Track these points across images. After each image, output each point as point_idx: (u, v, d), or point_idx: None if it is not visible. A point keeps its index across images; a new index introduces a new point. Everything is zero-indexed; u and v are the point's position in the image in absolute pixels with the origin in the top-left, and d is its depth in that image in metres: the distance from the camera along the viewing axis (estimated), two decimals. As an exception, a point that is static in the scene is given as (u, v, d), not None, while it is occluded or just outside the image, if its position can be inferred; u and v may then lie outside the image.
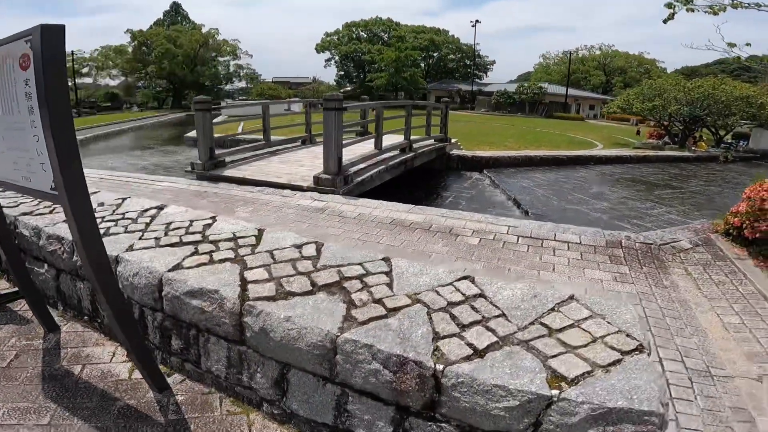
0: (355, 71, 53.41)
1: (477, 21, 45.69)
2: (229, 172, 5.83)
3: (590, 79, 51.84)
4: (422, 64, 51.96)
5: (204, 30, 50.60)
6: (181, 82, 48.93)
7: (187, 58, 47.52)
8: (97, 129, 21.11)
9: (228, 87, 55.79)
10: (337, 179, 4.88)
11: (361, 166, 5.63)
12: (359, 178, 5.32)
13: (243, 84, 56.26)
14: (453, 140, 10.63)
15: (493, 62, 59.35)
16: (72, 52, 43.64)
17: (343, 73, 54.61)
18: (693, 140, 16.26)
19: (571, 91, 43.34)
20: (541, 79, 48.83)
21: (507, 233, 3.78)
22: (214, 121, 7.64)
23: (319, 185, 4.97)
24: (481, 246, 3.54)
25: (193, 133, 15.76)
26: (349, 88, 52.49)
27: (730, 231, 3.59)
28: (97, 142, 17.81)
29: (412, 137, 7.85)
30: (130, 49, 49.18)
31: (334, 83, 54.55)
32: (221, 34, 51.38)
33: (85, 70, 48.78)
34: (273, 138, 7.63)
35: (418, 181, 8.66)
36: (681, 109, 15.69)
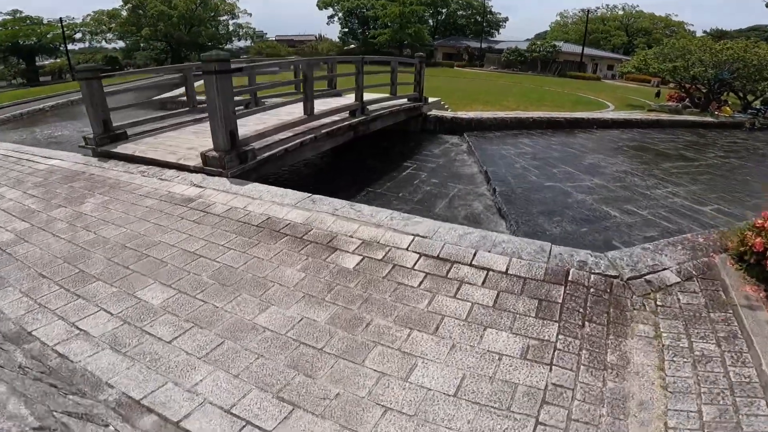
0: (359, 28, 50.52)
1: (490, -27, 41.68)
2: (121, 148, 4.79)
3: (611, 39, 49.46)
4: (430, 21, 48.82)
5: None
6: (179, 43, 47.38)
7: (183, 19, 45.73)
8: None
9: (229, 46, 53.86)
10: (226, 158, 3.80)
11: (278, 137, 4.49)
12: (265, 155, 4.20)
13: (245, 43, 54.15)
14: (433, 99, 9.27)
15: (506, 19, 55.74)
16: (60, 18, 42.39)
17: (347, 30, 51.81)
18: (716, 104, 14.45)
19: (589, 51, 40.46)
20: (558, 38, 46.36)
21: (407, 249, 2.72)
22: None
23: (207, 165, 3.90)
24: (355, 273, 2.51)
25: (168, 94, 14.59)
26: (353, 46, 49.89)
27: (746, 256, 2.31)
28: (76, 106, 16.80)
29: (371, 96, 6.60)
30: (123, 13, 47.52)
31: (338, 40, 51.93)
32: None
33: (78, 35, 47.47)
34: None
35: (381, 147, 7.47)
36: (706, 72, 13.81)
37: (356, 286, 2.43)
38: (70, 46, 43.87)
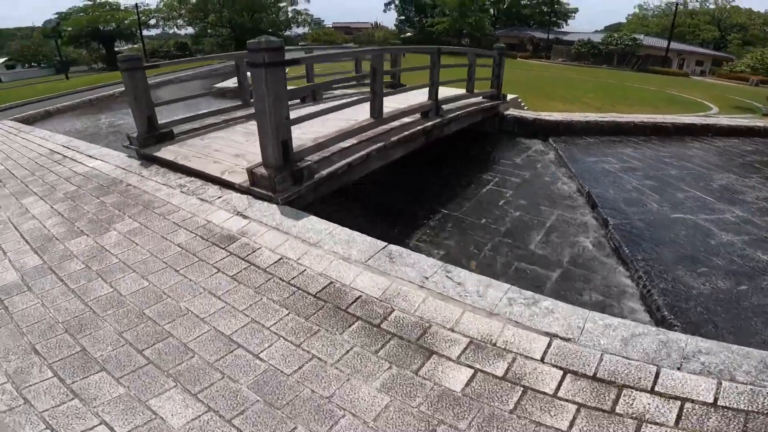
0: (416, 16, 48.95)
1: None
2: (164, 151, 4.15)
3: (699, 34, 44.88)
4: (491, 10, 46.14)
5: None
6: (242, 30, 48.51)
7: (245, 5, 46.73)
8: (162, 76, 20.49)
9: (287, 33, 54.52)
10: (277, 177, 2.94)
11: (340, 146, 3.59)
12: (324, 172, 3.30)
13: (303, 30, 54.57)
14: (511, 97, 8.00)
15: (576, 10, 51.52)
16: (136, 4, 44.72)
17: (403, 17, 50.48)
18: None
19: (675, 45, 36.02)
20: (635, 30, 42.39)
21: (541, 359, 1.75)
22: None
23: (254, 185, 3.08)
24: (465, 402, 1.60)
25: (223, 84, 14.36)
26: (409, 34, 48.52)
27: None
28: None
29: (446, 94, 5.53)
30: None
31: (394, 28, 50.78)
32: None
33: (152, 21, 50.01)
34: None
35: (453, 152, 6.39)
36: None
37: (470, 427, 1.47)
38: (145, 32, 46.26)
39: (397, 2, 49.24)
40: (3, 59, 37.54)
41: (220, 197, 3.13)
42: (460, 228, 4.19)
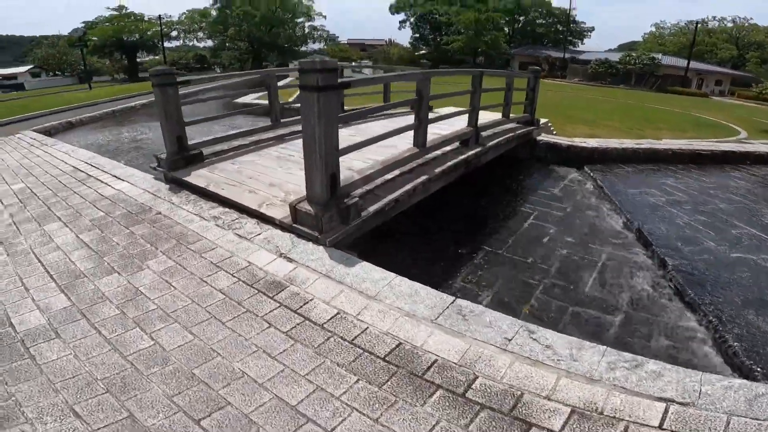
0: (431, 33, 49.43)
1: (578, -21, 38.42)
2: (195, 176, 3.95)
3: (717, 53, 44.41)
4: (506, 28, 46.45)
5: None
6: (260, 44, 49.31)
7: (264, 20, 47.60)
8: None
9: (303, 48, 55.31)
10: (325, 216, 2.70)
11: (386, 178, 3.35)
12: (371, 209, 3.05)
13: (318, 45, 55.34)
14: (543, 121, 7.75)
15: (592, 29, 51.67)
16: (159, 16, 45.86)
17: (418, 35, 50.97)
18: None
19: (693, 64, 35.70)
20: (652, 49, 42.10)
21: (659, 427, 1.56)
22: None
23: (298, 222, 2.84)
24: None
25: (243, 99, 14.34)
26: (424, 51, 48.98)
27: None
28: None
29: (483, 120, 5.29)
30: (213, 12, 50.51)
31: (409, 46, 51.29)
32: None
33: (174, 33, 51.24)
34: (286, 118, 5.60)
35: (486, 181, 6.12)
36: None
37: None
38: (166, 44, 47.33)
39: (411, 20, 49.80)
40: (28, 67, 38.51)
41: (259, 234, 2.89)
42: (507, 267, 3.90)
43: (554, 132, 8.82)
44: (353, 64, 34.81)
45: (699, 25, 45.32)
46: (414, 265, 3.67)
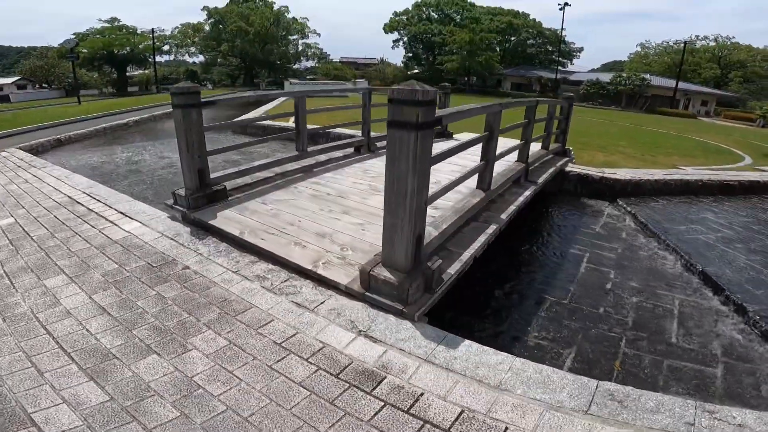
0: (424, 53, 50.04)
1: (566, 3, 39.49)
2: (222, 218, 3.45)
3: (701, 72, 45.48)
4: (497, 48, 47.40)
5: (275, 8, 50.18)
6: (252, 60, 49.15)
7: (257, 36, 47.59)
8: (163, 107, 20.12)
9: (296, 66, 55.27)
10: (413, 285, 2.23)
11: (450, 229, 2.88)
12: (453, 269, 2.54)
13: (310, 63, 55.43)
14: (570, 149, 7.46)
15: (581, 49, 53.09)
16: (152, 29, 45.33)
17: (411, 54, 51.54)
18: None
19: (681, 85, 36.64)
20: (638, 69, 43.24)
21: None
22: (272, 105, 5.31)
23: (372, 291, 2.35)
24: None
25: (246, 116, 13.84)
26: (417, 71, 49.37)
27: None
28: (157, 122, 16.64)
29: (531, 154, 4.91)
30: (206, 27, 50.23)
31: (402, 65, 51.73)
32: (291, 11, 50.84)
33: (165, 47, 50.76)
34: (310, 147, 5.14)
35: (532, 218, 5.74)
36: None
37: None
38: (157, 58, 46.73)
39: (405, 39, 50.36)
40: (14, 78, 37.36)
41: (322, 302, 2.40)
42: (578, 319, 3.47)
43: (574, 160, 8.55)
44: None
45: (675, 45, 46.66)
46: (479, 327, 3.22)
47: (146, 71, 46.48)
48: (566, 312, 3.57)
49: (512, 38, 49.05)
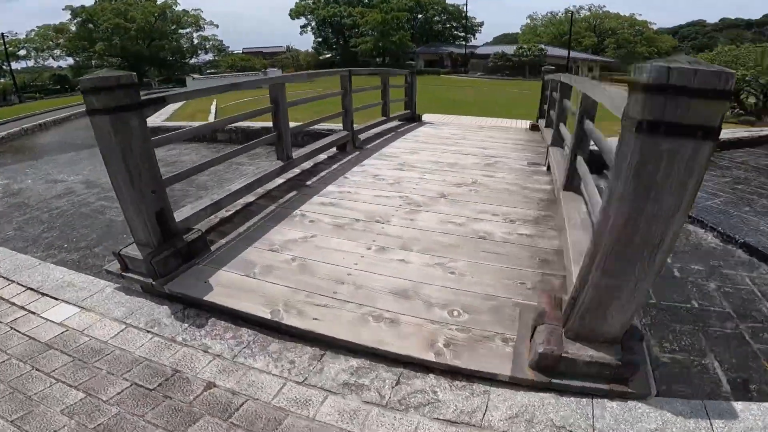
0: (335, 37, 48.33)
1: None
2: (222, 290, 2.24)
3: (581, 41, 49.92)
4: (406, 26, 47.52)
5: (159, 1, 44.80)
6: (138, 58, 43.64)
7: (141, 32, 42.40)
8: (34, 118, 16.08)
9: (193, 61, 50.09)
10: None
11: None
12: None
13: (210, 56, 50.51)
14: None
15: (482, 24, 55.40)
16: (2, 34, 37.51)
17: (321, 39, 49.48)
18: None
19: (572, 54, 40.15)
20: (530, 40, 46.12)
21: None
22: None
23: (560, 375, 1.48)
24: None
25: (148, 122, 11.33)
26: (328, 55, 47.56)
27: None
28: (31, 136, 13.19)
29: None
30: (72, 27, 43.24)
31: (312, 50, 49.46)
32: (180, 4, 45.87)
33: (22, 52, 42.80)
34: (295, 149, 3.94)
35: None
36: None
37: None
38: (13, 65, 39.02)
39: (313, 24, 48.11)
40: None
41: (485, 411, 1.43)
42: (686, 321, 2.97)
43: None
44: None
45: (563, 15, 50.91)
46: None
47: (2, 80, 38.44)
48: (658, 312, 3.06)
49: (419, 16, 49.42)
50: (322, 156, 4.51)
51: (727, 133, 9.15)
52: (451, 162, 4.46)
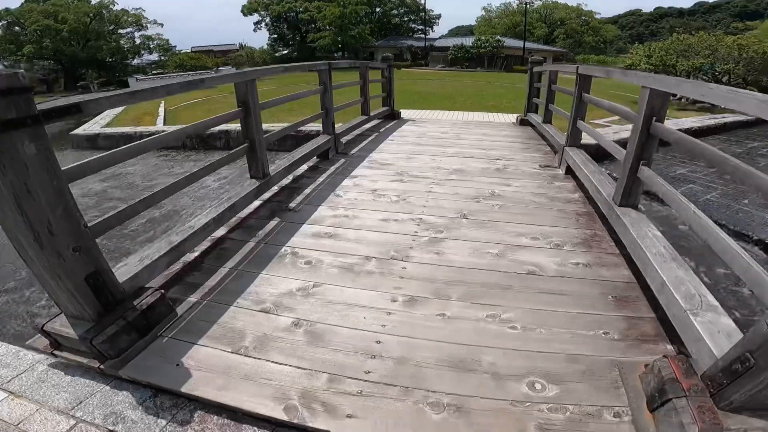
0: (291, 33, 46.68)
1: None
2: (203, 375, 1.58)
3: (534, 32, 51.07)
4: (364, 19, 46.71)
5: (93, 1, 41.63)
6: (73, 60, 40.44)
7: (75, 34, 39.48)
8: None
9: (136, 61, 46.80)
10: None
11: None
12: None
13: (155, 56, 47.35)
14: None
15: (439, 16, 55.61)
16: None
17: (276, 36, 47.67)
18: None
19: (526, 44, 40.95)
20: (486, 32, 46.71)
21: None
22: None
23: None
24: None
25: (83, 129, 9.71)
26: (285, 52, 45.89)
27: None
28: None
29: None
30: (-2, 31, 39.59)
31: (267, 47, 47.52)
32: (118, 3, 42.89)
33: (-68, 60, 38.51)
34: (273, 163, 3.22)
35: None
36: (736, 68, 12.91)
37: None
38: None
39: (267, 20, 46.15)
40: None
41: None
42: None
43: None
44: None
45: (516, 7, 52.05)
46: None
47: None
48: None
49: (377, 9, 48.73)
50: (303, 167, 3.81)
51: (695, 121, 9.22)
52: (456, 168, 3.92)
